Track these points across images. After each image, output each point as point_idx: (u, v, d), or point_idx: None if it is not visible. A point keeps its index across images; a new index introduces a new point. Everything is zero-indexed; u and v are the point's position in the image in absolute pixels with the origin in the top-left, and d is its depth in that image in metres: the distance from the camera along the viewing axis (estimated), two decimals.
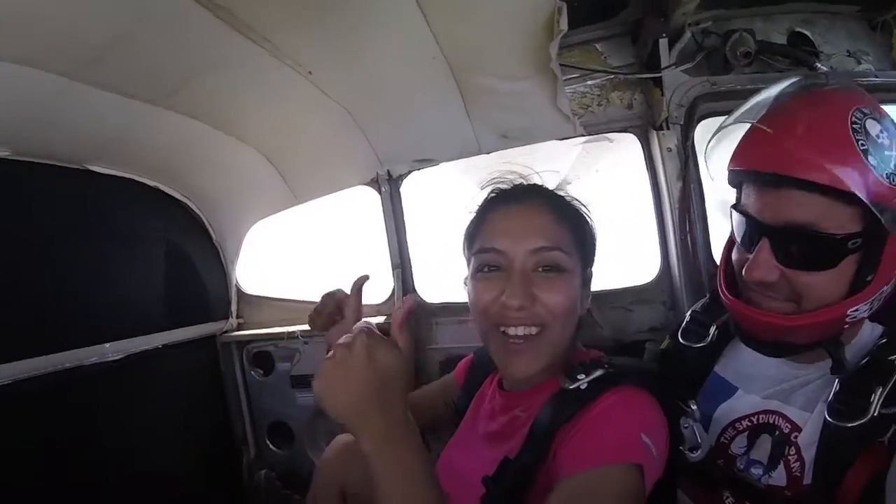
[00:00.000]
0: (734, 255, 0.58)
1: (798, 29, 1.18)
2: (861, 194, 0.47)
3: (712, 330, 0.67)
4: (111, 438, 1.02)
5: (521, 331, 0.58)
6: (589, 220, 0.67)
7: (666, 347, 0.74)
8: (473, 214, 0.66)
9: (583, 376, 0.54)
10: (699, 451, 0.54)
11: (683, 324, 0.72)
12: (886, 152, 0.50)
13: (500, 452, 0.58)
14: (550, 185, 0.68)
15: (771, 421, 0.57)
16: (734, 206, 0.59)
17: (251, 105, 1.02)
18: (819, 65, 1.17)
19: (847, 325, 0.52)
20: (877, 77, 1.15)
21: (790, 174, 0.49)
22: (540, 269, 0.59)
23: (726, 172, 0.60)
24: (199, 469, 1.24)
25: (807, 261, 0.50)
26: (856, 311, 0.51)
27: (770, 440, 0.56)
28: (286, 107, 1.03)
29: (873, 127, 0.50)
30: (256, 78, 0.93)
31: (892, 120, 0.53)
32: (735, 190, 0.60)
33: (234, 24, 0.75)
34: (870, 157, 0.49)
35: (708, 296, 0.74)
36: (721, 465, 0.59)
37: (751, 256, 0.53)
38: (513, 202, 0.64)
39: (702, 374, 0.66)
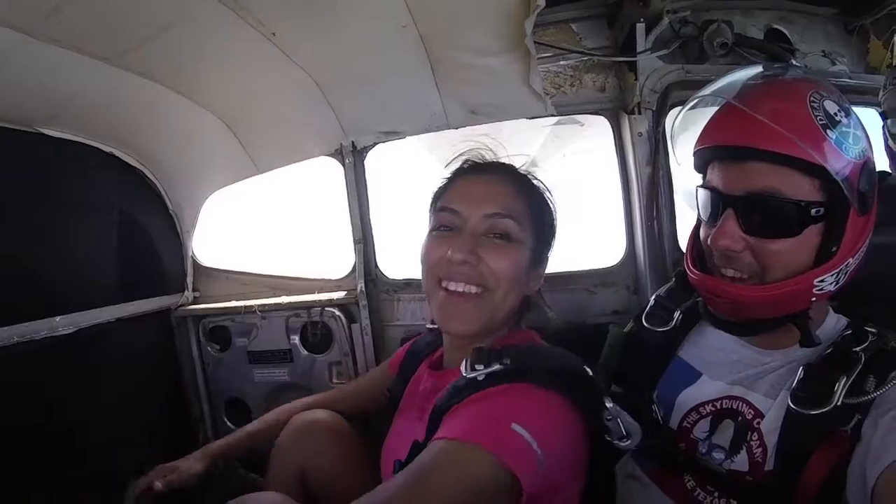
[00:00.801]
0: (702, 234, 0.59)
1: (776, 26, 1.19)
2: (824, 165, 0.50)
3: (676, 314, 0.67)
4: (62, 415, 0.98)
5: (461, 287, 0.59)
6: (551, 204, 0.69)
7: (629, 330, 0.75)
8: (445, 180, 0.68)
9: (481, 367, 0.53)
10: (629, 440, 0.54)
11: (648, 308, 0.72)
12: (844, 129, 0.52)
13: (418, 433, 0.58)
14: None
15: (734, 406, 0.57)
16: (700, 186, 0.59)
17: (212, 67, 0.96)
18: (794, 62, 1.18)
19: (814, 299, 0.53)
20: (850, 79, 1.17)
21: (754, 146, 0.51)
22: (491, 235, 0.60)
23: (692, 159, 0.61)
24: (153, 447, 1.20)
25: (770, 227, 0.51)
26: (822, 281, 0.52)
27: (733, 425, 0.56)
28: (248, 70, 0.98)
29: (831, 107, 0.53)
30: (218, 38, 0.87)
31: (848, 102, 0.55)
32: (701, 175, 0.61)
33: None
34: (829, 132, 0.51)
35: (673, 280, 0.74)
36: (682, 448, 0.59)
37: (715, 229, 0.53)
38: (480, 172, 0.67)
39: (665, 359, 0.66)
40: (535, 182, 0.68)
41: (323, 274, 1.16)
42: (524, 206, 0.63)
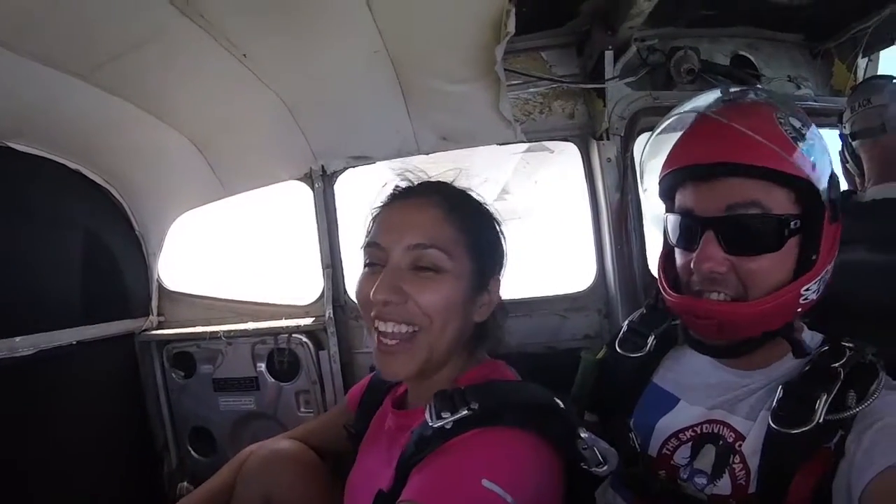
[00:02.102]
0: (679, 260, 0.57)
1: (742, 52, 1.22)
2: (802, 176, 0.51)
3: (650, 340, 0.66)
4: (20, 441, 0.93)
5: (390, 327, 0.56)
6: (495, 223, 0.64)
7: (602, 357, 0.73)
8: (376, 210, 0.64)
9: (448, 415, 0.50)
10: (606, 466, 0.52)
11: (620, 333, 0.71)
12: (810, 141, 0.53)
13: (384, 479, 0.55)
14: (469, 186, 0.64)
15: (715, 430, 0.56)
16: (669, 211, 0.58)
17: (182, 87, 0.95)
18: (759, 86, 1.22)
19: (799, 310, 0.53)
20: (815, 101, 1.20)
21: (730, 160, 0.51)
22: (416, 268, 0.56)
23: (657, 188, 0.60)
24: (115, 477, 1.14)
25: (753, 244, 0.51)
26: (808, 290, 0.52)
27: (714, 450, 0.55)
28: (218, 92, 0.97)
29: (796, 122, 0.54)
30: (189, 57, 0.86)
31: (807, 117, 0.56)
32: (667, 202, 0.60)
33: None
34: (799, 144, 0.52)
35: (644, 308, 0.73)
36: (663, 476, 0.58)
37: (695, 253, 0.52)
38: (404, 198, 0.61)
39: (640, 385, 0.65)
40: (470, 198, 0.63)
41: (290, 300, 1.14)
42: (454, 230, 0.57)
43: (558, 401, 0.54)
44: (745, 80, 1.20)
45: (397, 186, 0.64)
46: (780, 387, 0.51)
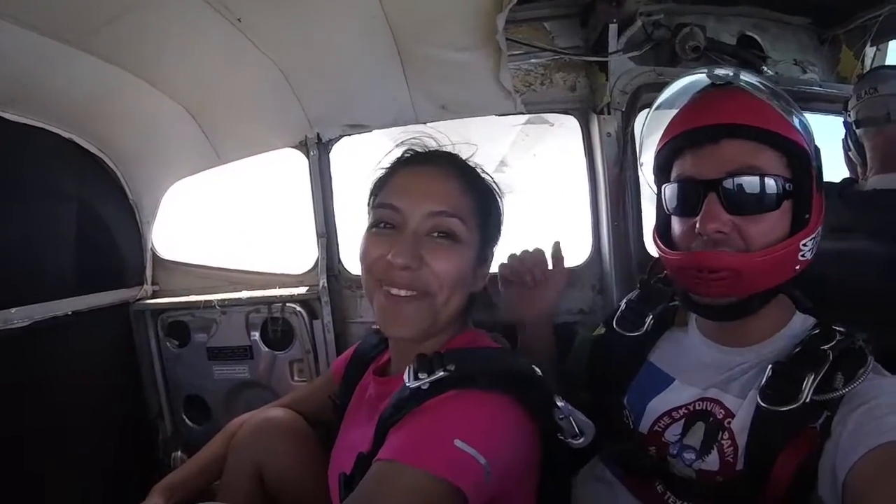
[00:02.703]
0: (678, 228, 0.58)
1: (749, 32, 1.19)
2: (796, 140, 0.53)
3: (648, 319, 0.67)
4: (16, 411, 0.93)
5: (402, 292, 0.57)
6: (499, 198, 0.66)
7: (599, 334, 0.74)
8: (383, 171, 0.64)
9: (425, 376, 0.51)
10: (582, 438, 0.53)
11: (618, 312, 0.71)
12: (799, 116, 0.56)
13: (363, 444, 0.56)
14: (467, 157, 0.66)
15: (707, 408, 0.57)
16: (668, 184, 0.59)
17: (176, 53, 0.93)
18: (765, 68, 1.20)
19: (798, 267, 0.55)
20: (820, 87, 1.19)
21: (730, 121, 0.53)
22: (434, 234, 0.57)
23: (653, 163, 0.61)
24: (111, 446, 1.15)
25: (754, 204, 0.53)
26: (805, 246, 0.54)
27: (704, 427, 0.56)
28: (213, 58, 0.95)
29: (785, 101, 0.56)
30: (184, 22, 0.85)
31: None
32: (661, 178, 0.61)
33: None
34: (791, 117, 0.55)
35: (638, 284, 0.74)
36: (653, 453, 0.59)
37: (699, 216, 0.54)
38: (422, 164, 0.62)
39: (636, 364, 0.66)
40: (482, 176, 0.65)
41: (284, 269, 1.13)
42: (470, 202, 0.59)
43: (537, 369, 0.54)
44: (750, 60, 1.17)
45: (411, 150, 0.64)
46: (770, 366, 0.52)
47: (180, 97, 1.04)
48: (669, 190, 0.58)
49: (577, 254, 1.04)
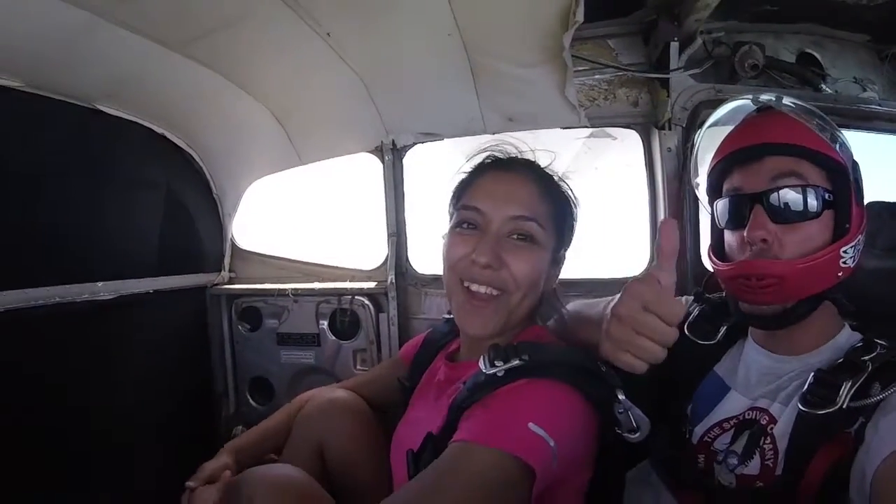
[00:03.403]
0: (730, 241, 0.63)
1: (808, 50, 1.21)
2: (832, 155, 0.58)
3: (722, 329, 0.68)
4: (96, 376, 1.04)
5: (483, 289, 0.61)
6: (573, 204, 0.70)
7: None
8: (465, 174, 0.70)
9: (501, 363, 0.55)
10: (638, 434, 0.56)
11: (691, 318, 0.72)
12: (841, 138, 0.61)
13: (432, 425, 0.60)
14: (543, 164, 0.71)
15: (755, 417, 0.59)
16: (719, 200, 0.63)
17: (267, 61, 1.03)
18: (824, 86, 1.20)
19: (840, 273, 0.58)
20: (880, 106, 1.18)
21: (772, 140, 0.59)
22: (514, 237, 0.62)
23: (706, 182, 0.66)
24: (176, 416, 1.26)
25: (796, 213, 0.57)
26: (846, 253, 0.58)
27: (748, 434, 0.58)
28: (300, 66, 1.04)
29: (825, 121, 0.61)
30: (276, 34, 0.94)
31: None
32: (713, 196, 0.66)
33: None
34: (829, 136, 0.60)
35: (693, 296, 0.75)
36: (701, 462, 0.61)
37: (747, 226, 0.58)
38: (504, 169, 0.67)
39: (702, 372, 0.68)
40: (559, 183, 0.69)
41: (355, 264, 1.22)
42: (548, 208, 0.64)
43: (602, 365, 0.57)
44: (809, 78, 1.19)
45: (493, 155, 0.70)
46: (812, 374, 0.55)
47: (268, 101, 1.15)
48: (721, 205, 0.63)
49: (634, 266, 1.08)
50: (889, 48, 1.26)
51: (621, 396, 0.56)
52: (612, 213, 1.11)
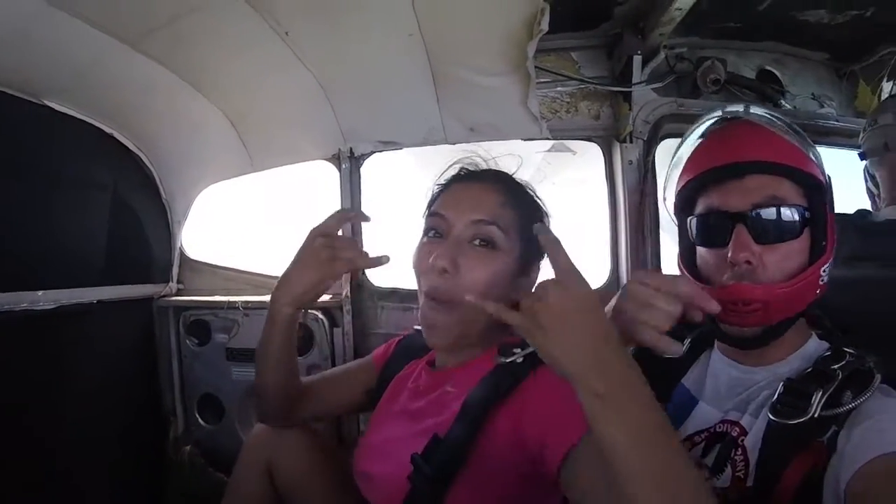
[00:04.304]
0: (707, 260, 0.60)
1: (768, 67, 1.23)
2: (813, 172, 0.58)
3: (686, 342, 0.66)
4: (34, 390, 0.96)
5: (439, 297, 0.60)
6: (545, 213, 0.70)
7: (633, 355, 0.73)
8: (439, 186, 0.69)
9: (518, 350, 0.54)
10: None
11: None
12: (812, 147, 0.61)
13: (428, 429, 0.58)
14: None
15: (726, 430, 0.58)
16: (694, 217, 0.61)
17: (223, 59, 0.97)
18: (783, 102, 1.23)
19: (818, 291, 0.58)
20: (837, 122, 1.21)
21: (755, 158, 0.57)
22: (475, 242, 0.61)
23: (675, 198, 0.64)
24: (123, 436, 1.18)
25: (779, 233, 0.56)
26: (824, 271, 0.58)
27: (719, 446, 0.57)
28: (257, 66, 0.99)
29: (800, 136, 0.61)
30: (233, 30, 0.89)
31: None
32: (684, 212, 0.64)
33: None
34: (805, 148, 0.59)
35: None
36: None
37: (729, 246, 0.56)
38: (472, 180, 0.67)
39: (669, 387, 0.67)
40: (527, 191, 0.69)
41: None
42: (513, 214, 0.63)
43: None
44: (769, 95, 1.21)
45: (464, 168, 0.70)
46: (782, 383, 0.54)
47: (222, 103, 1.09)
48: (698, 222, 0.61)
49: (594, 279, 1.06)
50: (847, 66, 1.30)
51: None
52: (572, 227, 1.09)
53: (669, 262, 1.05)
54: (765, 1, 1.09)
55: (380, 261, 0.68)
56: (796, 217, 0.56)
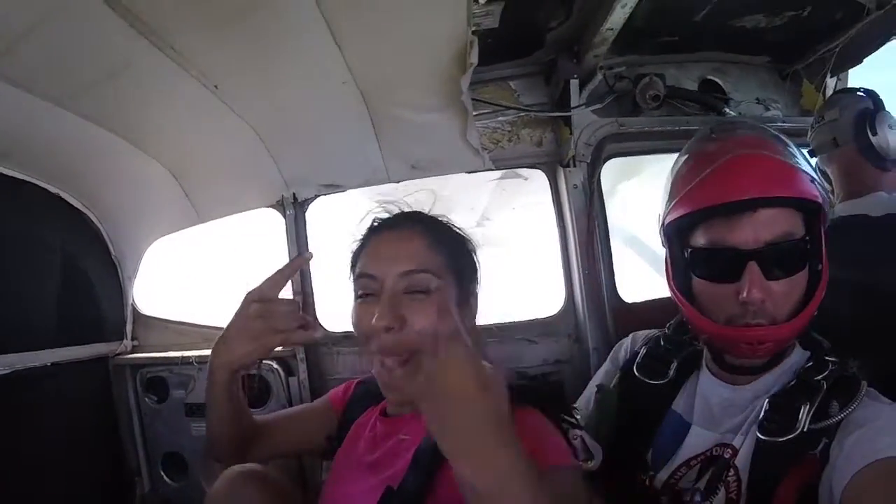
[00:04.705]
0: (711, 294, 0.59)
1: (710, 77, 1.24)
2: (818, 200, 0.57)
3: (673, 366, 0.66)
4: None
5: (390, 360, 0.58)
6: (469, 245, 0.69)
7: (618, 384, 0.72)
8: (358, 241, 0.68)
9: None
10: (594, 462, 0.55)
11: (638, 359, 0.70)
12: (808, 165, 0.60)
13: (384, 481, 0.56)
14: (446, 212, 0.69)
15: (721, 453, 0.58)
16: (695, 249, 0.60)
17: (157, 115, 0.97)
18: (727, 110, 1.24)
19: (815, 313, 0.58)
20: (784, 122, 1.22)
21: (764, 194, 0.55)
22: (412, 293, 0.59)
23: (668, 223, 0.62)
24: (89, 498, 1.14)
25: (788, 269, 0.56)
26: (822, 294, 0.58)
27: (712, 468, 0.57)
28: (192, 121, 0.98)
29: (793, 149, 0.60)
30: (163, 87, 0.88)
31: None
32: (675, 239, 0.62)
33: (139, 27, 0.70)
34: (805, 172, 0.59)
35: (666, 330, 0.72)
36: (667, 501, 0.59)
37: (743, 283, 0.55)
38: (390, 229, 0.66)
39: (661, 413, 0.65)
40: (450, 228, 0.67)
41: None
42: (439, 253, 0.61)
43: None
44: (712, 104, 1.22)
45: (377, 218, 0.68)
46: (767, 400, 0.54)
47: (162, 158, 1.08)
48: (703, 256, 0.58)
49: (553, 304, 1.06)
50: (789, 67, 1.32)
51: (574, 420, 0.55)
52: (531, 251, 1.09)
53: (623, 284, 1.05)
54: (700, 11, 1.11)
55: (315, 339, 0.66)
56: (803, 250, 0.56)
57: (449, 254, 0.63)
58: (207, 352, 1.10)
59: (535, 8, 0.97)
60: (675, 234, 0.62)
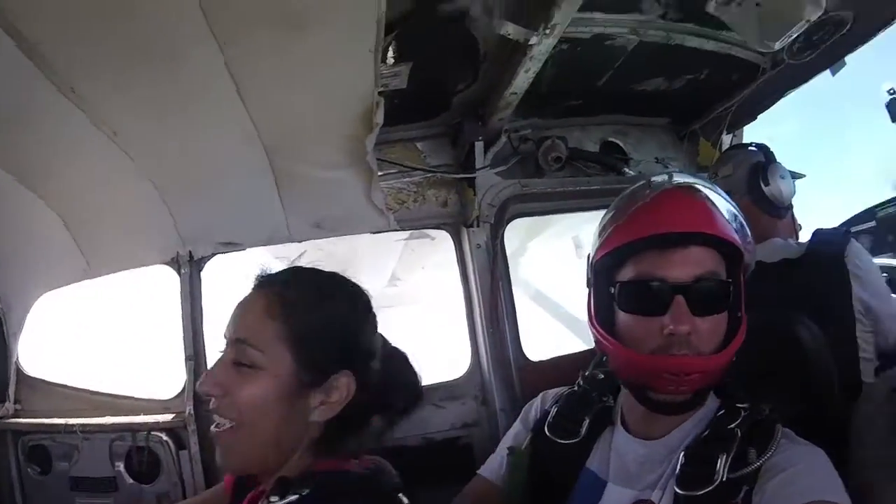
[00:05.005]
0: (636, 327, 0.59)
1: (611, 139, 1.34)
2: (741, 247, 0.60)
3: (585, 424, 0.66)
4: None
5: (217, 420, 0.55)
6: (353, 312, 0.62)
7: (529, 445, 0.70)
8: None
9: (276, 499, 0.50)
10: None
11: (550, 419, 0.69)
12: (738, 217, 0.64)
13: None
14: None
15: None
16: (623, 283, 0.60)
17: (55, 161, 0.91)
18: (627, 170, 1.34)
19: (734, 358, 0.59)
20: None
21: (701, 230, 0.58)
22: (237, 363, 0.55)
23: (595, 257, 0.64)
24: None
25: (712, 307, 0.57)
26: (742, 338, 0.59)
27: None
28: (88, 167, 0.93)
29: (718, 200, 0.63)
30: (61, 131, 0.84)
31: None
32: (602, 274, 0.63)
33: (38, 63, 0.67)
34: (729, 220, 0.62)
35: (579, 384, 0.72)
36: None
37: (669, 316, 0.55)
38: (249, 292, 0.61)
39: (574, 472, 0.64)
40: (315, 288, 0.60)
41: (150, 394, 1.08)
42: (275, 325, 0.56)
43: (403, 497, 0.53)
44: (612, 164, 1.32)
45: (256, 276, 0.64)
46: (682, 453, 0.55)
47: (55, 204, 1.01)
48: (631, 289, 0.59)
49: (459, 365, 1.07)
50: (687, 127, 1.44)
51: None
52: (438, 312, 1.11)
53: (531, 341, 1.08)
54: (603, 76, 1.20)
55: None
56: (727, 291, 0.58)
57: (295, 325, 0.57)
58: (93, 420, 1.05)
59: (443, 70, 1.01)
60: (602, 269, 0.64)
